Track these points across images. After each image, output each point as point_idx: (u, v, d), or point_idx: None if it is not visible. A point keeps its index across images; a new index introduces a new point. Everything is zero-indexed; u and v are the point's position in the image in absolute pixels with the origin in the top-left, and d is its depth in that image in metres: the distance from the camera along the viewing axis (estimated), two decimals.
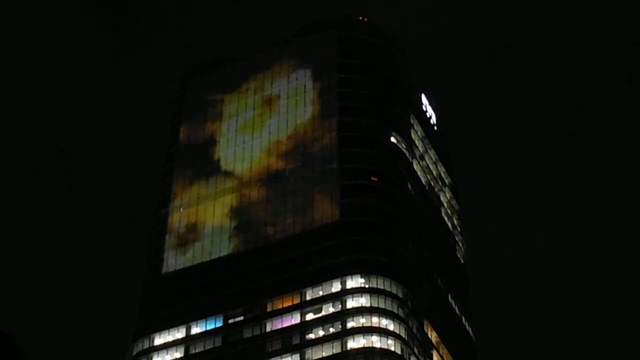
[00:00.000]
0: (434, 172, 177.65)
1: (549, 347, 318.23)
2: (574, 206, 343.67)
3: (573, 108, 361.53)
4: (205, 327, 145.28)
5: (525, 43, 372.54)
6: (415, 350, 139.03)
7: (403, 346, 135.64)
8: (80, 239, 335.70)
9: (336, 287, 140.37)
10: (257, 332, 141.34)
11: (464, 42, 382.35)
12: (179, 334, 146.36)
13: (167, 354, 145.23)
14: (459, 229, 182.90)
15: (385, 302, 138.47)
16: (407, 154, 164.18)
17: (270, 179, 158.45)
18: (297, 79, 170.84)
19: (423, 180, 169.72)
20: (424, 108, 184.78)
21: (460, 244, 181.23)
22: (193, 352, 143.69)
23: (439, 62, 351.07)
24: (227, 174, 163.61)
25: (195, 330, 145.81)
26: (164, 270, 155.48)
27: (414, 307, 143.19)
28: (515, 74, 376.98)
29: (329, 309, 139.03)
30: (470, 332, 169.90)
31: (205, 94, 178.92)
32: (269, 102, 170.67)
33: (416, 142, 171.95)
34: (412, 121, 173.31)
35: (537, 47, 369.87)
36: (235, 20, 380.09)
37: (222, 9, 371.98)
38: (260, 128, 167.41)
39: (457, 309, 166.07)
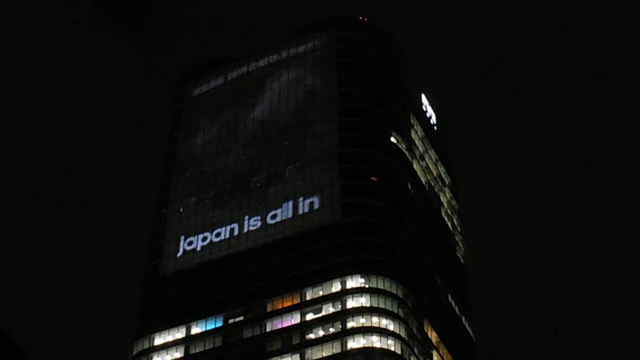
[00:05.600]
0: (434, 172, 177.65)
1: (550, 347, 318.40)
2: (574, 206, 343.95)
3: (574, 109, 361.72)
4: (205, 327, 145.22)
5: (526, 43, 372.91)
6: (415, 350, 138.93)
7: (403, 346, 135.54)
8: (80, 239, 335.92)
9: (336, 287, 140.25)
10: (257, 332, 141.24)
11: (464, 41, 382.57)
12: (179, 334, 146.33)
13: (167, 354, 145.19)
14: (459, 229, 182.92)
15: (385, 302, 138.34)
16: (407, 154, 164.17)
17: (270, 178, 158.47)
18: (297, 79, 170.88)
19: (423, 180, 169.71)
20: (424, 108, 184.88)
21: (460, 244, 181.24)
22: (193, 352, 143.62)
23: (439, 62, 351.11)
24: (227, 174, 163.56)
25: (195, 330, 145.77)
26: (164, 270, 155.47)
27: (414, 307, 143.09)
28: (516, 74, 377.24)
29: (329, 309, 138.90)
30: (470, 332, 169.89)
31: (205, 94, 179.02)
32: (268, 101, 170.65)
33: (416, 142, 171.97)
34: (412, 121, 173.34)
35: (537, 47, 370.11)
36: (235, 20, 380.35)
37: (223, 9, 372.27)
38: (260, 128, 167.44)
39: (457, 309, 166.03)
